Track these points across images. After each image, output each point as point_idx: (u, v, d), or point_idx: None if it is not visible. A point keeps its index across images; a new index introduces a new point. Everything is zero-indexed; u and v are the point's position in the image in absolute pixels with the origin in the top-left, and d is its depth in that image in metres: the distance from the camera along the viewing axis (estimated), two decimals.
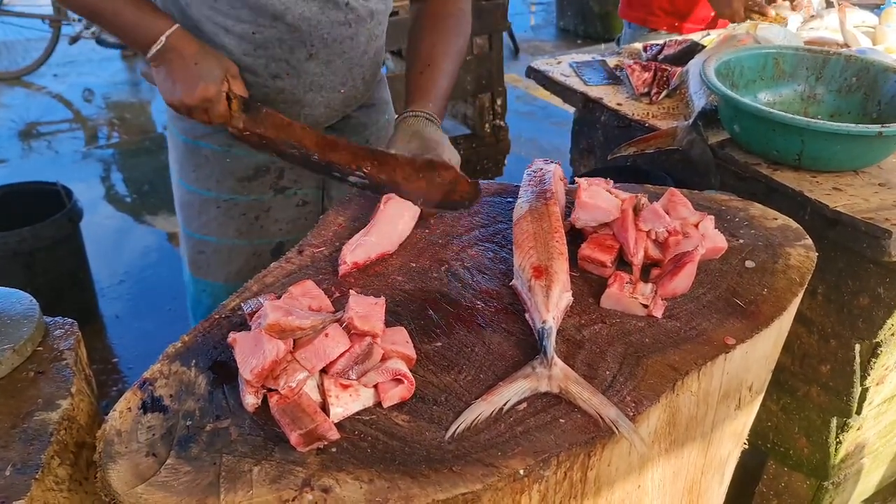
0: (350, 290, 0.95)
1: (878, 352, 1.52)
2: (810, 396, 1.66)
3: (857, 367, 1.55)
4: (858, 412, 1.61)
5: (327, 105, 1.48)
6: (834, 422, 1.64)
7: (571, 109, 2.11)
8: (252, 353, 0.84)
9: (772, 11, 2.25)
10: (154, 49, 1.26)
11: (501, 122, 3.73)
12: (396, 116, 1.39)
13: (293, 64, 1.39)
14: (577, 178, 1.19)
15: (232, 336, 0.88)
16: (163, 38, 1.26)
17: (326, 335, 0.86)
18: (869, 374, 1.56)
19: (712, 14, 2.59)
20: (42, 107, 5.30)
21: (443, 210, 1.26)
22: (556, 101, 2.26)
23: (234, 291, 1.54)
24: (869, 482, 1.93)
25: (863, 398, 1.59)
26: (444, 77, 1.41)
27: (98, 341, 2.93)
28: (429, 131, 1.32)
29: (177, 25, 1.28)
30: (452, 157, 1.31)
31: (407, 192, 1.23)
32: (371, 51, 1.48)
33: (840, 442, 1.66)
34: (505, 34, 4.00)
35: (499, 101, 3.66)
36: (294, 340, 0.87)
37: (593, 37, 6.45)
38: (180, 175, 1.56)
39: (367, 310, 0.89)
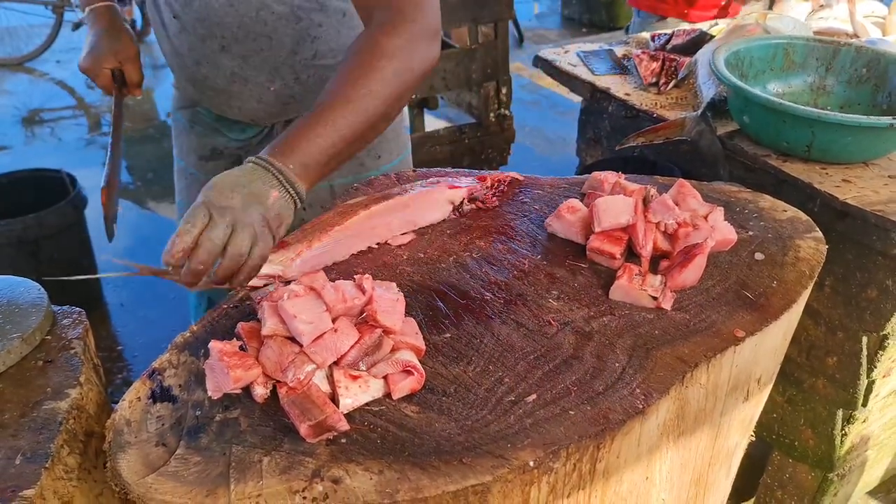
0: (364, 276, 0.94)
1: (886, 344, 1.52)
2: (816, 388, 1.65)
3: (863, 359, 1.55)
4: (864, 404, 1.61)
5: (259, 100, 1.42)
6: (840, 414, 1.64)
7: (576, 99, 2.10)
8: (218, 381, 0.86)
9: None
10: (85, 11, 1.46)
11: (506, 111, 3.69)
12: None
13: (206, 53, 1.37)
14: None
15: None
16: (87, 9, 1.45)
17: (335, 330, 0.86)
18: (875, 367, 1.55)
19: (722, 2, 2.58)
20: (45, 93, 5.28)
21: None
22: (561, 90, 2.24)
23: None
24: (873, 474, 1.93)
25: (869, 390, 1.59)
26: (321, 127, 1.01)
27: (103, 329, 2.93)
28: (255, 185, 0.97)
29: (107, 2, 1.46)
30: (252, 221, 0.94)
31: None
32: (306, 52, 1.36)
33: (845, 434, 1.66)
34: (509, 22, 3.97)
35: (504, 90, 3.63)
36: None
37: (598, 26, 6.40)
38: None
39: (388, 306, 0.90)
